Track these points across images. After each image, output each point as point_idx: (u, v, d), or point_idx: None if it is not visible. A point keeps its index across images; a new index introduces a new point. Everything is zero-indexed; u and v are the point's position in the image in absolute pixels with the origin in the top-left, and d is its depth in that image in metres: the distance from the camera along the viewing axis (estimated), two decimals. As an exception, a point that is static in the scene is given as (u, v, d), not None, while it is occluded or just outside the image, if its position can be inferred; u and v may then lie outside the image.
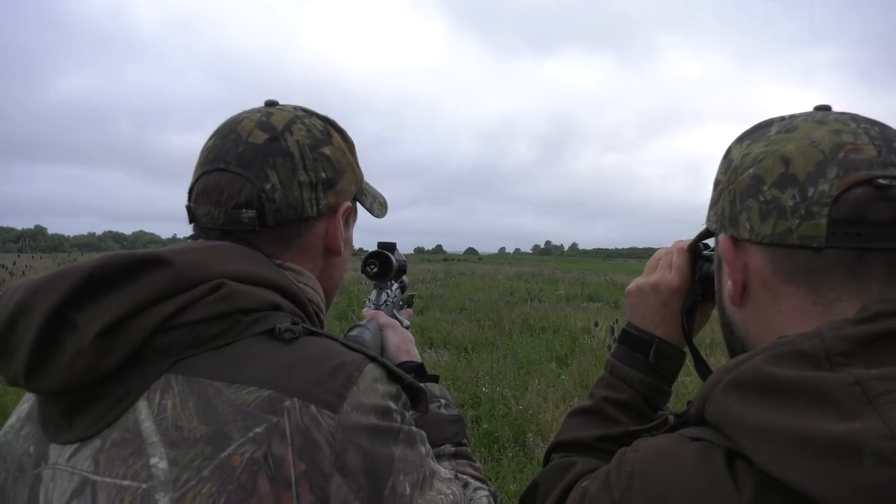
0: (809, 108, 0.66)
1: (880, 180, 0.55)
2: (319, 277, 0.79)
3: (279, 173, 0.71)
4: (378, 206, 0.89)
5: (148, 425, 0.56)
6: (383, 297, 1.19)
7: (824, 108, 0.64)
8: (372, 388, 0.62)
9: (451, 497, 0.66)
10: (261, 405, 0.56)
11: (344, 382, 0.59)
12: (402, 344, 1.06)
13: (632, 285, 0.90)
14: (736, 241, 0.64)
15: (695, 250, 0.86)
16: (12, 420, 0.67)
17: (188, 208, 0.74)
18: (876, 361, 0.49)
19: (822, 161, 0.57)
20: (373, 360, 0.64)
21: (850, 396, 0.46)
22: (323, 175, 0.74)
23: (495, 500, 0.79)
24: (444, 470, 0.70)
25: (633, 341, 0.87)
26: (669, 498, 0.52)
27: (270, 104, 0.77)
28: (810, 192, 0.57)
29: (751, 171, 0.62)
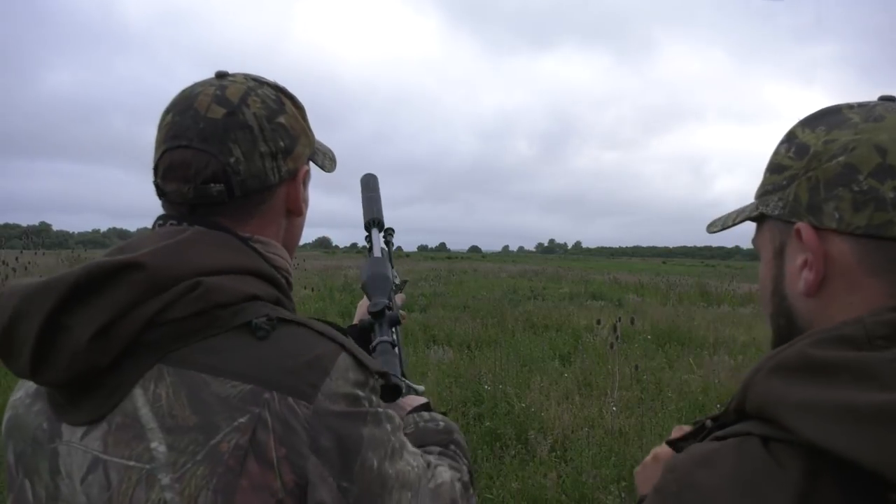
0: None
1: None
2: (283, 239, 0.84)
3: (241, 146, 0.74)
4: (328, 162, 0.93)
5: (145, 412, 0.64)
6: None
7: (890, 99, 0.64)
8: (343, 377, 0.68)
9: (416, 470, 0.74)
10: (244, 398, 0.63)
11: (319, 374, 0.66)
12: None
13: (639, 467, 0.92)
14: (818, 230, 0.62)
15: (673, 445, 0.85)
16: (20, 395, 0.74)
17: (156, 184, 0.77)
18: None
19: None
20: (343, 348, 0.70)
21: (891, 372, 0.49)
22: (281, 144, 0.78)
23: (467, 486, 0.85)
24: (411, 446, 0.76)
25: None
26: (721, 497, 0.53)
27: (221, 76, 0.80)
28: None
29: (841, 159, 0.60)
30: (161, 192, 0.77)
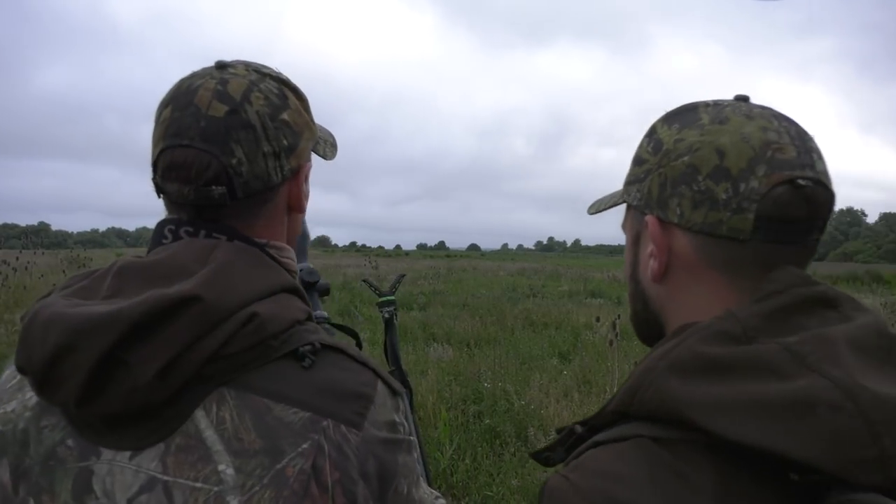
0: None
1: (799, 181, 0.60)
2: (286, 236, 0.83)
3: (244, 147, 0.72)
4: (330, 149, 0.90)
5: (210, 434, 0.64)
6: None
7: (743, 99, 0.68)
8: (383, 405, 0.71)
9: (430, 498, 0.78)
10: (304, 424, 0.65)
11: (365, 403, 0.69)
12: None
13: None
14: (663, 223, 0.66)
15: None
16: (14, 407, 0.69)
17: (154, 182, 0.74)
18: (780, 331, 0.56)
19: (753, 158, 0.61)
20: (378, 375, 0.73)
21: (782, 362, 0.52)
22: (285, 142, 0.75)
23: None
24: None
25: None
26: None
27: (221, 66, 0.76)
28: (741, 187, 0.60)
29: (685, 158, 0.64)
30: (160, 191, 0.75)
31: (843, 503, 0.48)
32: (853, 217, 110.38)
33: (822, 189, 0.61)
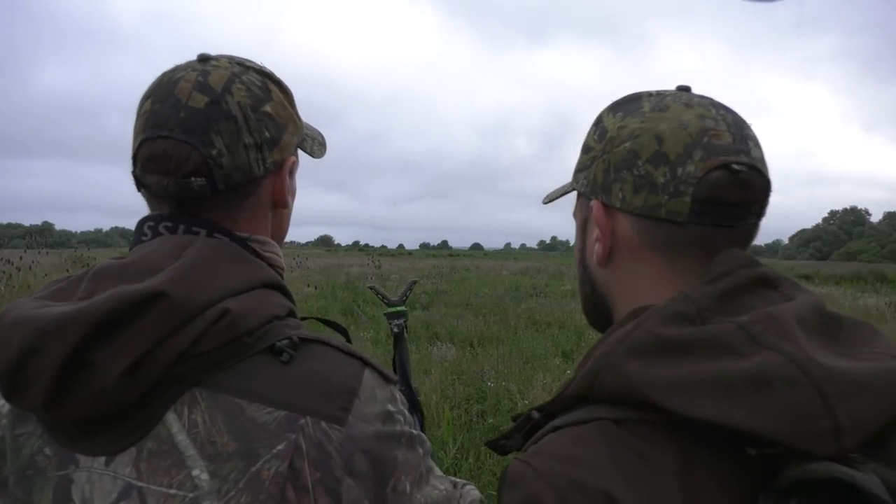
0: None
1: (734, 166, 0.62)
2: (272, 232, 0.81)
3: (224, 138, 0.70)
4: (318, 147, 0.89)
5: (182, 438, 0.62)
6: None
7: (685, 89, 0.70)
8: (371, 396, 0.68)
9: (444, 493, 0.73)
10: (280, 424, 0.62)
11: (348, 397, 0.66)
12: None
13: None
14: (607, 208, 0.69)
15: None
16: None
17: (134, 175, 0.73)
18: (730, 310, 0.58)
19: (690, 143, 0.63)
20: (366, 364, 0.70)
21: (738, 340, 0.54)
22: (267, 134, 0.74)
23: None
24: (437, 469, 0.76)
25: None
26: (611, 489, 0.53)
27: (204, 59, 0.75)
28: (679, 171, 0.63)
29: (627, 144, 0.66)
30: (140, 184, 0.73)
31: (800, 474, 0.49)
32: (857, 216, 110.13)
33: (757, 174, 0.63)
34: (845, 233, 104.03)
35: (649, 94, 0.70)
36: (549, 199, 0.86)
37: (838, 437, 0.49)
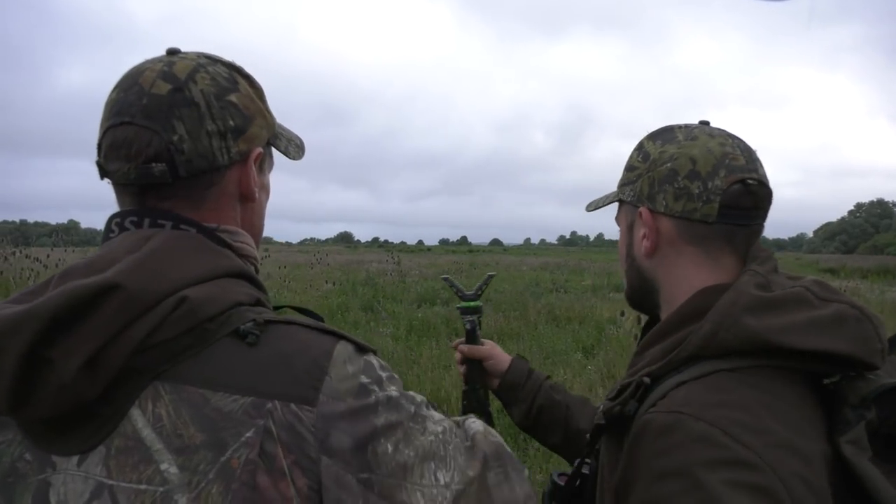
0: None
1: (749, 181, 0.84)
2: (242, 227, 0.80)
3: (186, 124, 0.70)
4: (294, 148, 0.88)
5: (148, 433, 0.61)
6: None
7: (705, 123, 0.92)
8: (343, 371, 0.66)
9: (440, 435, 0.69)
10: (247, 411, 0.61)
11: (318, 375, 0.64)
12: None
13: None
14: (653, 212, 0.89)
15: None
16: None
17: (98, 164, 0.73)
18: (776, 280, 0.80)
19: (716, 164, 0.85)
20: (340, 338, 0.69)
21: (810, 297, 0.77)
22: (231, 123, 0.74)
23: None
24: (436, 414, 0.72)
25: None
26: (770, 425, 0.68)
27: (172, 52, 0.76)
28: (709, 184, 0.84)
29: (668, 164, 0.88)
30: (104, 172, 0.73)
31: (868, 382, 0.72)
32: (884, 209, 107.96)
33: (764, 187, 0.85)
34: (872, 226, 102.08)
35: (679, 127, 0.92)
36: (595, 206, 1.07)
37: (882, 355, 0.74)
